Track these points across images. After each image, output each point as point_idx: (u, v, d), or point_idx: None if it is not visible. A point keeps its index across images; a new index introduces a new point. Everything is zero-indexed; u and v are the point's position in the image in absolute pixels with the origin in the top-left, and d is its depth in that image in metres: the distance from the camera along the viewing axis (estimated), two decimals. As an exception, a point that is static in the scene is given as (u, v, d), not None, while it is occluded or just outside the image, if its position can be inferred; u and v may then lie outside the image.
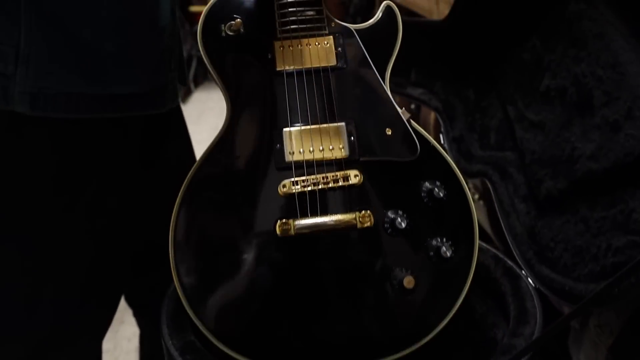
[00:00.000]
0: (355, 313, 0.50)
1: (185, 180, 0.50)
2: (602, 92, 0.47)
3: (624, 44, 0.44)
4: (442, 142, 0.78)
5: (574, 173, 0.51)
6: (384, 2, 0.53)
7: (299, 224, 0.48)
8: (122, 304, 0.81)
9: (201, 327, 0.49)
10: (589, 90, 0.48)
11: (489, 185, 0.65)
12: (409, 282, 0.49)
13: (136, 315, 0.80)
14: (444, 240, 0.50)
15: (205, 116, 2.99)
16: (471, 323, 0.57)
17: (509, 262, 0.57)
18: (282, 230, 0.48)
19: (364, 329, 0.50)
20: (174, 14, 0.64)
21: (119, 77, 0.58)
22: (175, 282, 0.50)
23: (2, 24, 0.53)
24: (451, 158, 0.56)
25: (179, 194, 0.50)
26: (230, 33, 0.53)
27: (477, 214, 0.53)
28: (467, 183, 0.54)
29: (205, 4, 0.55)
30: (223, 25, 0.53)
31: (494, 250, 0.57)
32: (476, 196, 1.06)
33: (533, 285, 0.53)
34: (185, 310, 0.49)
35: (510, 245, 0.59)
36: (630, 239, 0.43)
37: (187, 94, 3.40)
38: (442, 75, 0.80)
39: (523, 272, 0.55)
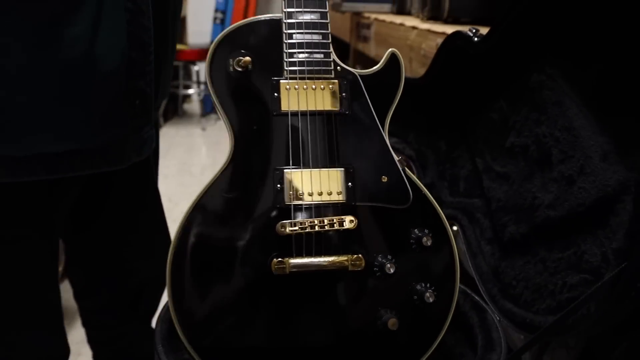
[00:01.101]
0: (341, 350, 0.54)
1: (188, 209, 0.53)
2: (559, 151, 0.55)
3: (577, 112, 0.52)
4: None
5: (534, 219, 0.58)
6: (389, 49, 0.57)
7: (294, 264, 0.52)
8: (79, 337, 0.81)
9: (192, 353, 0.52)
10: (548, 149, 0.56)
11: (458, 228, 0.72)
12: (392, 324, 0.53)
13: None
14: (428, 285, 0.54)
15: (173, 151, 3.01)
16: (442, 353, 0.62)
17: (476, 297, 0.63)
18: (277, 269, 0.52)
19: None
20: (144, 48, 0.57)
21: (47, 135, 0.51)
22: (170, 308, 0.53)
23: None
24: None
25: (181, 222, 0.53)
26: (238, 69, 0.54)
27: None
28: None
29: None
30: (232, 60, 0.54)
31: (462, 286, 0.64)
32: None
33: (497, 318, 0.59)
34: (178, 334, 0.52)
35: (477, 283, 0.65)
36: (582, 277, 0.50)
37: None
38: (416, 127, 0.87)
39: (489, 306, 0.62)
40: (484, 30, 0.66)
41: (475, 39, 0.67)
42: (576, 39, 0.54)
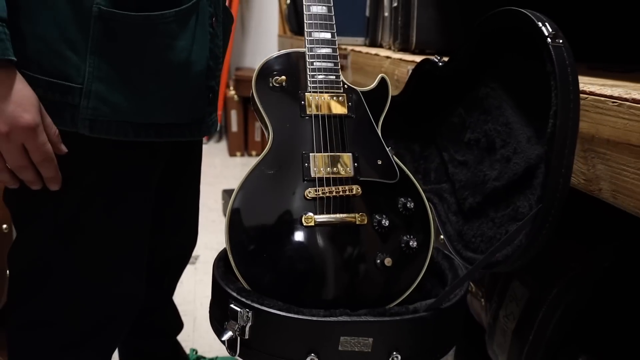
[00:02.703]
0: (351, 279, 0.74)
1: (240, 181, 0.74)
2: (500, 140, 0.78)
3: (512, 112, 0.76)
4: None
5: (485, 190, 0.81)
6: (380, 75, 0.83)
7: (318, 218, 0.73)
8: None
9: (244, 284, 0.72)
10: (493, 139, 0.80)
11: (431, 206, 0.95)
12: (388, 262, 0.74)
13: None
14: (411, 236, 0.76)
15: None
16: (423, 295, 0.83)
17: (446, 251, 0.85)
18: (306, 221, 0.73)
19: (357, 290, 0.74)
20: (215, 58, 0.80)
21: (159, 110, 0.74)
22: (228, 250, 0.72)
23: (74, 66, 0.70)
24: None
25: (235, 190, 0.73)
26: (276, 85, 0.77)
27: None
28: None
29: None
30: (271, 78, 0.77)
31: (436, 245, 0.86)
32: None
33: (462, 264, 0.82)
34: (232, 271, 0.72)
35: (446, 242, 0.87)
36: (517, 224, 0.73)
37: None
38: (395, 134, 1.10)
39: (455, 257, 0.84)
40: (445, 57, 0.91)
41: (440, 64, 0.91)
42: (507, 64, 0.78)
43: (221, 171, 3.38)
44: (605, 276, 0.90)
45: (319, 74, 0.79)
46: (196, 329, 1.69)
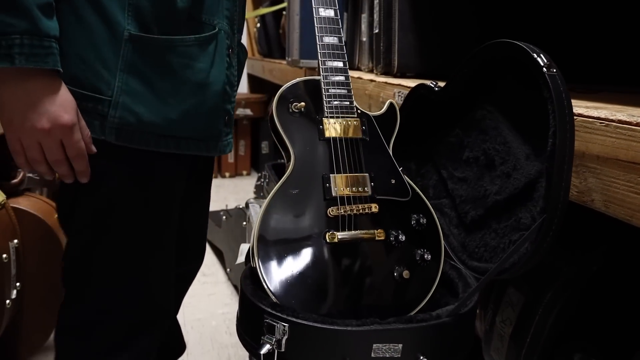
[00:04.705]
0: (372, 291, 0.80)
1: (266, 202, 0.79)
2: (499, 158, 0.86)
3: (509, 132, 0.84)
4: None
5: (487, 204, 0.88)
6: (388, 100, 0.90)
7: (340, 235, 0.79)
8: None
9: (274, 299, 0.76)
10: (492, 157, 0.87)
11: (433, 220, 1.01)
12: (406, 274, 0.81)
13: None
14: (425, 250, 0.83)
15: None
16: (433, 303, 0.89)
17: (452, 262, 0.92)
18: (330, 238, 0.79)
19: (377, 301, 0.80)
20: (231, 85, 0.88)
21: (178, 123, 0.82)
22: (257, 268, 0.77)
23: (105, 82, 0.78)
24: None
25: (261, 210, 0.78)
26: (296, 110, 0.83)
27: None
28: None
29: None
30: (290, 104, 0.83)
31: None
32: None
33: (469, 273, 0.88)
34: (261, 287, 0.76)
35: (450, 254, 0.94)
36: (521, 234, 0.80)
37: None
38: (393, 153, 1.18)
39: (461, 267, 0.91)
40: (441, 83, 0.99)
41: (436, 89, 0.99)
42: (501, 89, 0.87)
43: (196, 194, 3.38)
44: (594, 278, 0.99)
45: (334, 100, 0.85)
46: (190, 353, 1.70)
